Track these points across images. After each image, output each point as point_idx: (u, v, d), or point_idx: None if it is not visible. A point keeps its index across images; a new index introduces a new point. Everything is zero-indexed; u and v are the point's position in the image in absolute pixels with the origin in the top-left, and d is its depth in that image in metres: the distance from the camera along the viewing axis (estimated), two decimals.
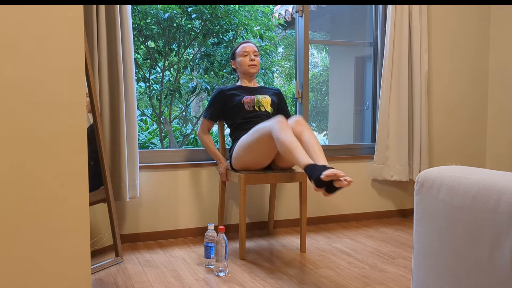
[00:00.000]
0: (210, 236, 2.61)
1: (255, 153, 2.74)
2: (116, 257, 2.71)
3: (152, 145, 4.35)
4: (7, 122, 1.60)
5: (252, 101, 3.02)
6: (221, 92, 3.06)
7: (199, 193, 3.26)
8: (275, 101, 3.13)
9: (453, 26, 3.86)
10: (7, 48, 1.59)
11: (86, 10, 2.74)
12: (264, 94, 3.11)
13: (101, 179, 2.68)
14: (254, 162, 2.79)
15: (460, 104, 3.94)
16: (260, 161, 2.79)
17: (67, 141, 1.68)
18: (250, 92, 3.09)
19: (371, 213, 3.75)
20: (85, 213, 1.72)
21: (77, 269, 1.72)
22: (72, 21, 1.67)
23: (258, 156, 2.75)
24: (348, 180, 2.23)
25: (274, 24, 4.66)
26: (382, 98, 3.56)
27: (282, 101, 3.21)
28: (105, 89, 2.82)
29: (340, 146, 3.69)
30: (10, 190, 1.61)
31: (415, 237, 1.72)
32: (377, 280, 2.43)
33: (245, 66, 3.08)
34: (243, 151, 2.79)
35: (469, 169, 1.62)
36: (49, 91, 1.65)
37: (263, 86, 3.21)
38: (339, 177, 2.23)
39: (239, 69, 3.14)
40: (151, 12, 3.59)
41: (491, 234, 1.41)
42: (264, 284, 2.38)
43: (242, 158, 2.80)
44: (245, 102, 3.02)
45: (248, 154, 2.77)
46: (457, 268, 1.53)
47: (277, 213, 3.47)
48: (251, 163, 2.80)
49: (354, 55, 5.27)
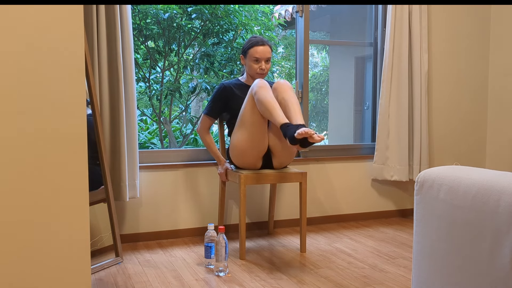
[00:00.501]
0: (210, 236, 2.61)
1: (248, 128, 2.75)
2: (116, 257, 2.71)
3: (152, 145, 4.35)
4: (7, 122, 1.60)
5: None
6: (224, 88, 3.03)
7: (199, 193, 3.26)
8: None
9: (453, 26, 3.86)
10: (7, 48, 1.59)
11: (86, 10, 2.74)
12: None
13: (101, 179, 2.68)
14: (249, 141, 2.76)
15: (460, 104, 3.94)
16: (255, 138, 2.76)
17: (67, 141, 1.68)
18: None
19: (371, 213, 3.75)
20: (85, 213, 1.72)
21: (77, 269, 1.72)
22: (72, 21, 1.67)
23: (251, 130, 2.74)
24: (320, 136, 2.42)
25: (274, 24, 4.66)
26: (382, 98, 3.56)
27: None
28: (105, 89, 2.82)
29: (340, 146, 3.69)
30: (10, 190, 1.61)
31: (415, 237, 1.72)
32: (377, 280, 2.43)
33: (253, 72, 2.99)
34: (237, 131, 2.81)
35: (469, 169, 1.62)
36: (49, 91, 1.65)
37: None
38: (310, 134, 2.40)
39: (247, 69, 3.05)
40: (151, 12, 3.59)
41: (491, 234, 1.41)
42: (264, 284, 2.38)
43: (237, 140, 2.79)
44: None
45: (241, 131, 2.78)
46: (457, 268, 1.53)
47: (277, 213, 3.47)
48: (247, 145, 2.77)
49: (354, 55, 5.26)
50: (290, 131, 2.48)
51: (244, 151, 2.79)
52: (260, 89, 2.67)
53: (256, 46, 2.95)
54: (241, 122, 2.79)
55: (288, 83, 2.79)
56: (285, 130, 2.52)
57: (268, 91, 2.68)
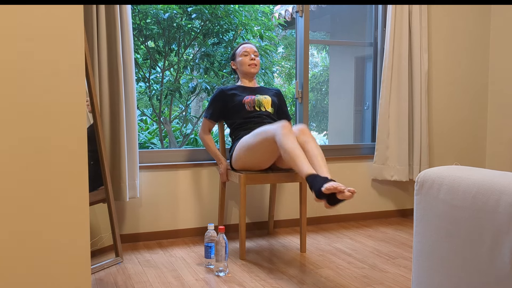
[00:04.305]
0: (210, 236, 2.61)
1: (256, 155, 2.74)
2: (116, 257, 2.71)
3: (152, 145, 4.35)
4: (7, 122, 1.60)
5: (252, 101, 3.02)
6: (221, 92, 3.06)
7: (199, 193, 3.26)
8: (276, 101, 3.13)
9: (453, 26, 3.86)
10: (7, 48, 1.59)
11: (86, 10, 2.74)
12: (265, 94, 3.11)
13: (101, 179, 2.68)
14: (254, 164, 2.78)
15: (460, 104, 3.94)
16: (260, 164, 2.78)
17: (67, 141, 1.68)
18: (250, 92, 3.09)
19: (371, 213, 3.75)
20: (85, 213, 1.72)
21: (77, 269, 1.72)
22: (72, 21, 1.67)
23: (259, 159, 2.75)
24: (351, 191, 2.20)
25: (274, 24, 4.66)
26: (382, 98, 3.56)
27: (282, 102, 3.21)
28: (105, 89, 2.82)
29: (340, 146, 3.69)
30: (10, 190, 1.61)
31: (415, 237, 1.72)
32: (377, 280, 2.43)
33: (245, 66, 3.08)
34: (243, 153, 2.78)
35: (469, 169, 1.62)
36: (49, 91, 1.65)
37: (263, 87, 3.21)
38: (339, 190, 2.20)
39: (239, 69, 3.14)
40: (151, 12, 3.59)
41: (491, 234, 1.41)
42: (264, 284, 2.38)
43: (242, 159, 2.80)
44: (246, 102, 3.01)
45: (248, 156, 2.76)
46: (457, 268, 1.53)
47: (277, 213, 3.47)
48: (251, 164, 2.80)
49: (354, 55, 5.26)
50: (317, 184, 2.28)
51: (249, 168, 2.83)
52: (285, 138, 2.50)
53: (243, 45, 3.15)
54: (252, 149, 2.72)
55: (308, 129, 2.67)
56: (311, 182, 2.33)
57: (294, 139, 2.52)
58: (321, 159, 2.50)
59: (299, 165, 2.42)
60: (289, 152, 2.47)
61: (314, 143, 2.58)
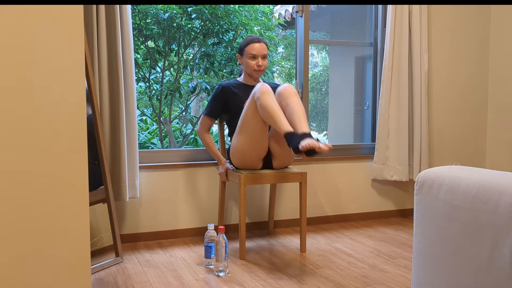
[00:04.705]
0: (210, 236, 2.61)
1: (249, 130, 2.72)
2: (116, 257, 2.71)
3: (152, 145, 4.35)
4: (7, 122, 1.60)
5: None
6: (222, 88, 3.03)
7: (199, 193, 3.26)
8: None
9: (453, 26, 3.86)
10: (7, 48, 1.59)
11: (86, 10, 2.74)
12: None
13: (101, 179, 2.68)
14: (249, 145, 2.75)
15: (460, 104, 3.94)
16: (255, 142, 2.74)
17: (67, 141, 1.68)
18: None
19: (371, 213, 3.75)
20: (85, 213, 1.72)
21: (77, 269, 1.72)
22: (72, 21, 1.67)
23: (252, 134, 2.72)
24: (328, 146, 2.36)
25: (274, 24, 4.66)
26: (382, 98, 3.56)
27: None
28: (105, 89, 2.82)
29: (340, 146, 3.69)
30: (10, 190, 1.61)
31: (415, 237, 1.72)
32: (377, 280, 2.43)
33: (250, 70, 3.00)
34: (238, 135, 2.78)
35: (469, 169, 1.62)
36: (49, 91, 1.65)
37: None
38: (315, 147, 2.33)
39: (244, 68, 3.07)
40: (151, 12, 3.59)
41: (491, 234, 1.41)
42: (264, 284, 2.38)
43: (238, 143, 2.78)
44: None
45: (242, 135, 2.75)
46: (457, 268, 1.53)
47: (277, 213, 3.47)
48: (247, 148, 2.76)
49: (354, 55, 5.26)
50: (294, 141, 2.42)
51: (245, 154, 2.79)
52: (263, 95, 2.60)
53: (253, 43, 2.99)
54: (242, 126, 2.76)
55: (293, 87, 2.73)
56: (289, 140, 2.47)
57: (271, 97, 2.61)
58: (302, 114, 2.59)
59: (277, 123, 2.54)
60: (267, 110, 2.57)
61: (295, 98, 2.66)
